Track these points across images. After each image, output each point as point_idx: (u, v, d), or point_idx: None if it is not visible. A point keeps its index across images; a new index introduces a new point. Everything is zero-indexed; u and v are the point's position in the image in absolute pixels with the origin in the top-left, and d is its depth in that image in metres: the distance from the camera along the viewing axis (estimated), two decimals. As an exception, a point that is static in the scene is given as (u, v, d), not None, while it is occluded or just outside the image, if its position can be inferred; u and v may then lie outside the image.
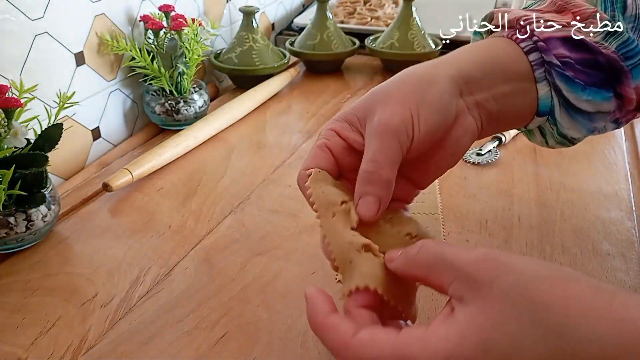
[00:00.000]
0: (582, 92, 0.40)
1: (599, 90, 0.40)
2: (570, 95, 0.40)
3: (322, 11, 0.97)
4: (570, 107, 0.41)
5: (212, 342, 0.43)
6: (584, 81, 0.39)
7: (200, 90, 0.79)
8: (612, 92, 0.41)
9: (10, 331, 0.44)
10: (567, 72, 0.39)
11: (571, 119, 0.41)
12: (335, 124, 0.38)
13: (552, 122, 0.42)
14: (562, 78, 0.39)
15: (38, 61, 0.61)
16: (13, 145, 0.49)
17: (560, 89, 0.40)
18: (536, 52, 0.40)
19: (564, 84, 0.40)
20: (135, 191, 0.63)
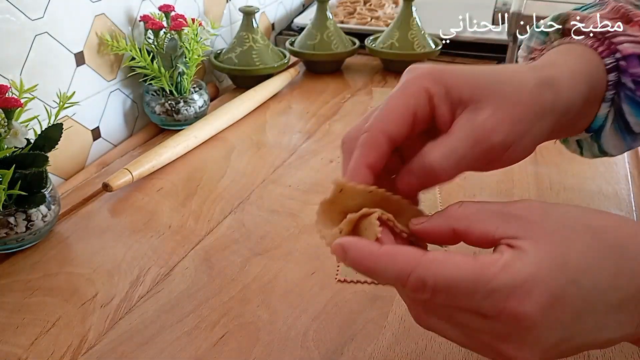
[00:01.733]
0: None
1: None
2: (631, 119, 0.38)
3: (322, 11, 0.97)
4: (625, 129, 0.39)
5: (212, 342, 0.43)
6: None
7: (200, 90, 0.79)
8: None
9: (10, 331, 0.44)
10: (638, 93, 0.37)
11: (617, 136, 0.40)
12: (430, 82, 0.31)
13: (595, 139, 0.41)
14: (630, 101, 0.38)
15: (38, 61, 0.61)
16: (13, 145, 0.49)
17: (623, 112, 0.38)
18: (615, 73, 0.38)
19: (630, 107, 0.38)
20: (135, 191, 0.63)
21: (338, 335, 0.43)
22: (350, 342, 0.43)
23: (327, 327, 0.44)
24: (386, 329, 0.44)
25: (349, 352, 0.42)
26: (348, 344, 0.42)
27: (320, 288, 0.48)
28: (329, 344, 0.42)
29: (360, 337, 0.43)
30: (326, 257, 0.52)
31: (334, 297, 0.47)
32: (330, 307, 0.46)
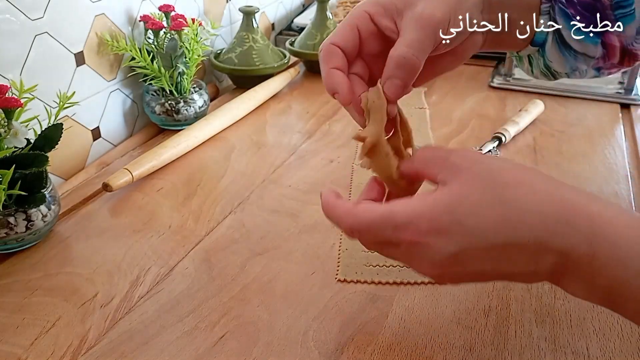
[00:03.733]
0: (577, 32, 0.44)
1: (589, 35, 0.44)
2: (565, 32, 0.44)
3: (322, 11, 0.97)
4: (562, 43, 0.45)
5: (212, 342, 0.43)
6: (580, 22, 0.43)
7: (200, 90, 0.79)
8: (599, 39, 0.44)
9: (10, 331, 0.44)
10: (570, 10, 0.43)
11: (560, 54, 0.45)
12: (369, 6, 0.39)
13: (541, 54, 0.46)
14: (563, 15, 0.43)
15: (38, 61, 0.61)
16: (13, 145, 0.49)
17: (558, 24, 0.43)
18: (549, 4, 0.43)
19: (563, 20, 0.43)
20: (135, 191, 0.63)
21: (338, 335, 0.43)
22: (350, 342, 0.43)
23: (327, 327, 0.44)
24: (386, 329, 0.44)
25: (349, 352, 0.42)
26: (348, 344, 0.42)
27: (320, 288, 0.48)
28: (329, 344, 0.42)
29: (360, 337, 0.43)
30: (326, 257, 0.52)
31: (334, 297, 0.47)
32: (330, 307, 0.46)
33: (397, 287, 0.48)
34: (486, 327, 0.44)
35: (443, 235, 0.33)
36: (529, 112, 0.78)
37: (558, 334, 0.43)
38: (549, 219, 0.32)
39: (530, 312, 0.45)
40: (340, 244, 0.54)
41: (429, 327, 0.44)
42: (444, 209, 0.33)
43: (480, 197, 0.33)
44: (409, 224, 0.34)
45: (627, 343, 0.42)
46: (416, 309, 0.46)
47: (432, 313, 0.45)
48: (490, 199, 0.33)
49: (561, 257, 0.32)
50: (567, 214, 0.32)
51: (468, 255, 0.33)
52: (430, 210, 0.33)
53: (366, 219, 0.35)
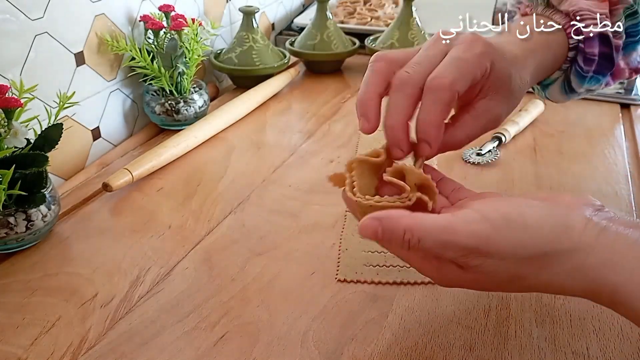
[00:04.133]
0: (586, 83, 0.49)
1: (600, 78, 0.49)
2: (576, 86, 0.49)
3: (322, 11, 0.97)
4: (569, 89, 0.50)
5: (212, 342, 0.43)
6: (595, 71, 0.48)
7: (200, 90, 0.79)
8: (606, 76, 0.49)
9: (10, 331, 0.44)
10: (585, 68, 0.47)
11: (562, 94, 0.51)
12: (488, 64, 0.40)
13: (542, 89, 0.51)
14: (577, 74, 0.48)
15: (38, 61, 0.61)
16: (13, 145, 0.49)
17: (570, 80, 0.49)
18: (574, 51, 0.47)
19: (576, 78, 0.48)
20: (135, 191, 0.63)
21: (338, 335, 0.43)
22: (350, 342, 0.43)
23: (327, 327, 0.44)
24: (386, 329, 0.44)
25: (349, 352, 0.42)
26: (348, 344, 0.42)
27: (320, 288, 0.48)
28: (329, 344, 0.42)
29: (360, 337, 0.43)
30: (326, 257, 0.52)
31: (334, 297, 0.47)
32: (330, 307, 0.46)
33: (397, 287, 0.48)
34: (486, 327, 0.44)
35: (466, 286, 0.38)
36: (529, 112, 0.78)
37: (558, 334, 0.43)
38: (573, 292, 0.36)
39: (530, 312, 0.45)
40: (340, 244, 0.54)
41: (429, 327, 0.44)
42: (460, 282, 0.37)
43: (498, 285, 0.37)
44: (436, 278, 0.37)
45: (627, 343, 0.42)
46: (416, 309, 0.46)
47: (432, 313, 0.45)
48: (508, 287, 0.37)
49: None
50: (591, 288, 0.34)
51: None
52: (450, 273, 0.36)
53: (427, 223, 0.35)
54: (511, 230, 0.33)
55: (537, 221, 0.34)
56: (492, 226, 0.33)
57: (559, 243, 0.34)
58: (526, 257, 0.34)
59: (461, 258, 0.34)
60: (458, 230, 0.33)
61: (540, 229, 0.34)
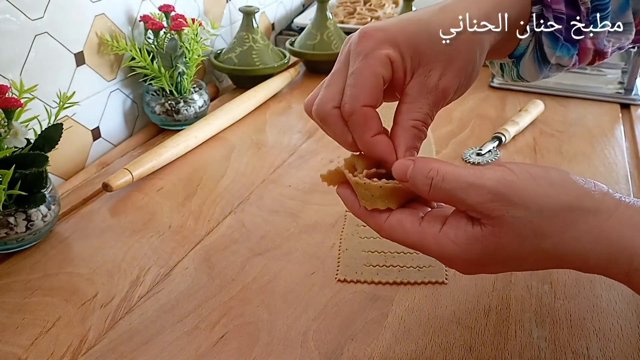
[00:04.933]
0: (558, 49, 0.43)
1: (569, 47, 0.43)
2: (548, 50, 0.43)
3: (322, 11, 0.97)
4: (542, 59, 0.44)
5: (212, 342, 0.43)
6: (563, 36, 0.42)
7: (200, 90, 0.79)
8: (573, 51, 0.43)
9: (10, 331, 0.44)
10: (555, 24, 0.41)
11: (535, 66, 0.44)
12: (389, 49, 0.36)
13: (515, 64, 0.45)
14: (549, 35, 0.42)
15: (38, 61, 0.61)
16: (13, 145, 0.49)
17: (542, 43, 0.42)
18: (539, 5, 0.41)
19: (548, 40, 0.42)
20: (135, 191, 0.63)
21: (338, 335, 0.43)
22: (350, 342, 0.43)
23: (327, 327, 0.44)
24: (386, 329, 0.44)
25: (349, 352, 0.42)
26: (348, 344, 0.42)
27: (320, 288, 0.48)
28: (329, 344, 0.42)
29: (360, 337, 0.43)
30: (326, 257, 0.52)
31: (334, 297, 0.47)
32: (330, 307, 0.46)
33: (397, 287, 0.48)
34: (486, 327, 0.44)
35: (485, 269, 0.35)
36: (529, 112, 0.78)
37: (558, 334, 0.43)
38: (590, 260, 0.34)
39: (530, 312, 0.45)
40: (340, 244, 0.54)
41: (429, 327, 0.44)
42: (478, 255, 0.34)
43: (518, 248, 0.33)
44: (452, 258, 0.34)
45: (627, 343, 0.42)
46: (416, 309, 0.46)
47: (432, 313, 0.45)
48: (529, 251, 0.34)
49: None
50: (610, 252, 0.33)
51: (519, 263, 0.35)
52: (462, 252, 0.34)
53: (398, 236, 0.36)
54: (537, 182, 0.33)
55: (561, 181, 0.34)
56: (518, 177, 0.33)
57: (582, 201, 0.33)
58: (551, 210, 0.33)
59: (485, 205, 0.32)
60: (485, 174, 0.33)
61: (563, 186, 0.33)
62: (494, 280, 0.49)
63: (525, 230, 0.33)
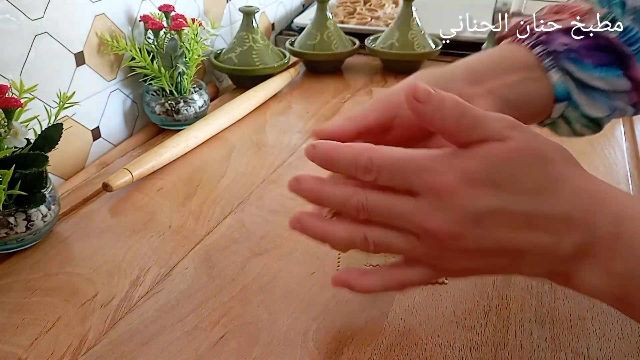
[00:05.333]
0: (594, 70, 0.41)
1: (610, 68, 0.41)
2: (583, 75, 0.41)
3: (322, 11, 0.97)
4: (587, 87, 0.41)
5: (212, 342, 0.43)
6: (592, 62, 0.41)
7: (200, 90, 0.79)
8: (621, 71, 0.41)
9: (10, 331, 0.44)
10: (573, 54, 0.40)
11: (590, 97, 0.42)
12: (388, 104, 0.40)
13: (573, 106, 0.42)
14: (571, 61, 0.41)
15: (38, 61, 0.61)
16: (13, 145, 0.49)
17: (571, 72, 0.41)
18: (540, 46, 0.41)
19: (574, 65, 0.41)
20: (135, 191, 0.63)
21: (338, 335, 0.43)
22: (350, 342, 0.43)
23: (327, 327, 0.44)
24: (386, 329, 0.44)
25: (349, 352, 0.42)
26: (348, 344, 0.42)
27: (320, 288, 0.48)
28: (329, 344, 0.42)
29: (360, 337, 0.43)
30: (326, 257, 0.52)
31: (334, 297, 0.47)
32: (330, 307, 0.46)
33: (397, 287, 0.48)
34: (486, 327, 0.44)
35: (476, 189, 0.31)
36: (529, 112, 0.77)
37: (558, 334, 0.43)
38: (583, 198, 0.32)
39: (530, 312, 0.45)
40: (340, 244, 0.54)
41: (429, 327, 0.44)
42: (483, 164, 0.31)
43: (523, 165, 0.31)
44: (440, 169, 0.31)
45: (627, 343, 0.42)
46: (416, 309, 0.46)
47: (432, 313, 0.45)
48: (528, 170, 0.31)
49: (586, 236, 0.31)
50: (600, 197, 0.32)
51: (494, 219, 0.31)
52: (466, 163, 0.31)
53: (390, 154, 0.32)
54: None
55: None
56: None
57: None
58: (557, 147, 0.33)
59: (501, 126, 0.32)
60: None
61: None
62: (494, 280, 0.49)
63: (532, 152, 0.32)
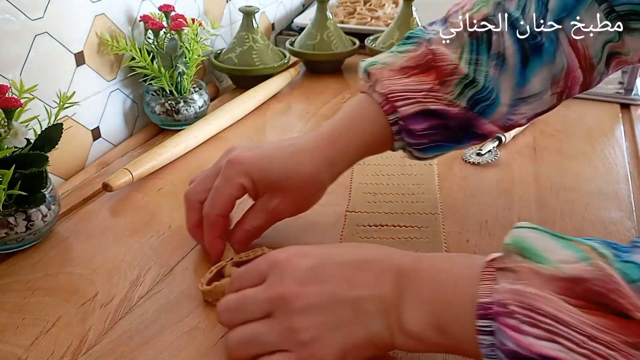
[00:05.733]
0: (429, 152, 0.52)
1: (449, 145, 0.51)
2: (420, 154, 0.52)
3: (322, 11, 0.97)
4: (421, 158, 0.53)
5: (212, 342, 0.43)
6: (434, 140, 0.50)
7: (200, 90, 0.79)
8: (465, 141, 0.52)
9: (10, 331, 0.44)
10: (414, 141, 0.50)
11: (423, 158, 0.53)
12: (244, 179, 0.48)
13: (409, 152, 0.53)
14: (413, 147, 0.51)
15: (38, 61, 0.61)
16: (13, 145, 0.49)
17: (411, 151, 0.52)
18: (397, 126, 0.50)
19: (413, 149, 0.51)
20: (135, 191, 0.63)
21: (338, 335, 0.43)
22: (350, 342, 0.43)
23: (327, 327, 0.44)
24: (386, 329, 0.44)
25: (349, 352, 0.42)
26: (348, 344, 0.42)
27: (320, 288, 0.48)
28: (329, 344, 0.42)
29: (360, 337, 0.43)
30: (326, 257, 0.52)
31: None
32: (330, 307, 0.46)
33: (397, 287, 0.48)
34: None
35: (306, 255, 0.39)
36: (529, 112, 0.78)
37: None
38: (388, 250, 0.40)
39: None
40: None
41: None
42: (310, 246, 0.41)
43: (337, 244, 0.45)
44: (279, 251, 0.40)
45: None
46: (416, 309, 0.46)
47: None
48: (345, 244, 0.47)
49: (397, 274, 0.36)
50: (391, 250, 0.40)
51: (325, 271, 0.38)
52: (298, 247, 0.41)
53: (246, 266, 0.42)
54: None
55: None
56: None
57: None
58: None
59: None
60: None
61: None
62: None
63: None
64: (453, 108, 0.49)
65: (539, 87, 0.49)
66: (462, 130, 0.50)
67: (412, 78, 0.50)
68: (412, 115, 0.49)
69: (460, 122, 0.50)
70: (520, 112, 0.51)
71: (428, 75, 0.50)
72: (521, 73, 0.48)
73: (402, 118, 0.49)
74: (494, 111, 0.49)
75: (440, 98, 0.49)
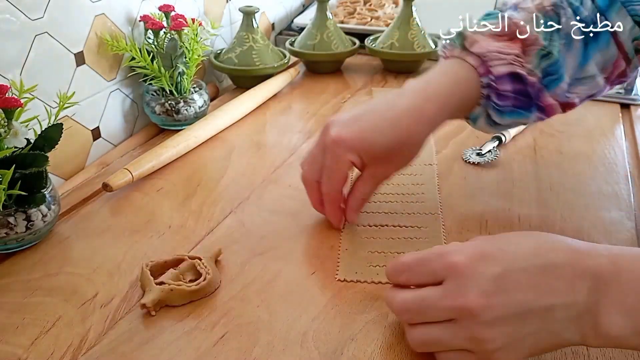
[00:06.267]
0: (507, 116, 0.54)
1: (522, 112, 0.53)
2: (496, 118, 0.54)
3: (322, 11, 0.97)
4: (494, 123, 0.55)
5: (212, 342, 0.43)
6: (514, 104, 0.53)
7: (200, 90, 0.79)
8: (533, 111, 0.54)
9: (10, 331, 0.44)
10: (501, 103, 0.52)
11: (488, 127, 0.56)
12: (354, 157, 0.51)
13: (471, 121, 0.56)
14: (494, 109, 0.53)
15: (38, 61, 0.61)
16: (13, 145, 0.49)
17: (490, 114, 0.54)
18: (487, 89, 0.52)
19: (494, 112, 0.54)
20: (135, 191, 0.63)
21: (338, 335, 0.43)
22: (350, 342, 0.43)
23: (327, 327, 0.44)
24: (386, 329, 0.44)
25: (349, 352, 0.42)
26: (348, 344, 0.42)
27: (320, 288, 0.48)
28: (329, 344, 0.42)
29: (360, 337, 0.43)
30: (326, 257, 0.52)
31: (334, 297, 0.47)
32: (330, 307, 0.46)
33: (397, 287, 0.48)
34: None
35: (488, 259, 0.36)
36: (529, 112, 0.77)
37: (558, 334, 0.43)
38: (576, 247, 0.37)
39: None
40: (340, 244, 0.54)
41: (429, 327, 0.44)
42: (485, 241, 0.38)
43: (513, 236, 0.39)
44: (455, 250, 0.38)
45: (627, 343, 0.42)
46: (416, 309, 0.46)
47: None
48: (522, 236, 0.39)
49: (594, 279, 0.35)
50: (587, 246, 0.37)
51: (511, 279, 0.36)
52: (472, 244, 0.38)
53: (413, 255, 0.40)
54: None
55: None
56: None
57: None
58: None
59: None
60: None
61: None
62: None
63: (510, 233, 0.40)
64: (532, 77, 0.52)
65: (594, 70, 0.54)
66: (533, 100, 0.53)
67: (502, 43, 0.53)
68: (503, 76, 0.52)
69: (534, 91, 0.53)
70: (576, 92, 0.54)
71: (514, 43, 0.52)
72: (584, 54, 0.53)
73: (495, 78, 0.52)
74: (557, 85, 0.53)
75: (524, 65, 0.52)
